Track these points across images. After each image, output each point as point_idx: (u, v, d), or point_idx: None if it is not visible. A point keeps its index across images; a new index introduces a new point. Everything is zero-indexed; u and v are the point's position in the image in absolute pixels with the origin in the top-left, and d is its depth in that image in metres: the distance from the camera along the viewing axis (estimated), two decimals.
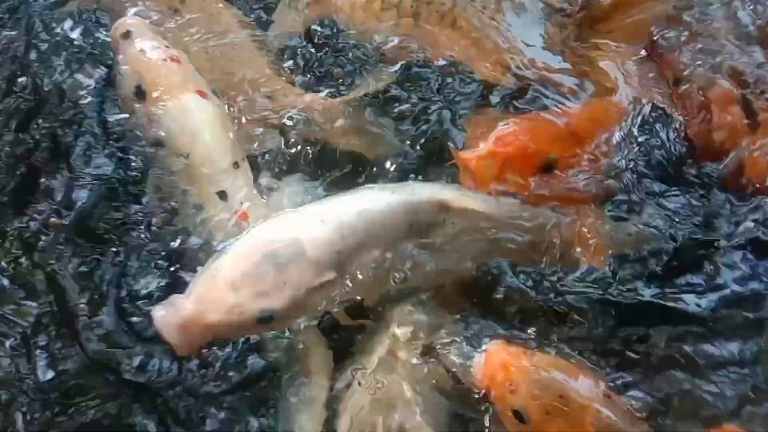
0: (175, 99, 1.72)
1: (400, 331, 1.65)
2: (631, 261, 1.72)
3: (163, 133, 1.72)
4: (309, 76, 2.01)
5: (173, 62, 1.76)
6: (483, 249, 1.71)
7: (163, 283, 1.73)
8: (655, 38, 1.94)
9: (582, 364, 1.57)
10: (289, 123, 1.86)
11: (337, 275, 1.56)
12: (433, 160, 1.88)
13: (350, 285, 1.59)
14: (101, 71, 1.99)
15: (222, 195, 1.71)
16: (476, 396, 1.54)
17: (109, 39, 1.89)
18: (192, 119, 1.72)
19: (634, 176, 1.80)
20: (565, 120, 1.83)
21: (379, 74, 1.97)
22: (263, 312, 1.50)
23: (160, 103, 1.72)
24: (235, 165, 1.73)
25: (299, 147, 1.86)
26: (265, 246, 1.54)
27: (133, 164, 1.86)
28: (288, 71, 2.00)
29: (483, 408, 1.56)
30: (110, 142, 1.90)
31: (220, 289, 1.49)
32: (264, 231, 1.58)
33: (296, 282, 1.52)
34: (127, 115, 1.82)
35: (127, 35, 1.79)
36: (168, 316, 1.47)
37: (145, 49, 1.76)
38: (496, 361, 1.50)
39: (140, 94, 1.74)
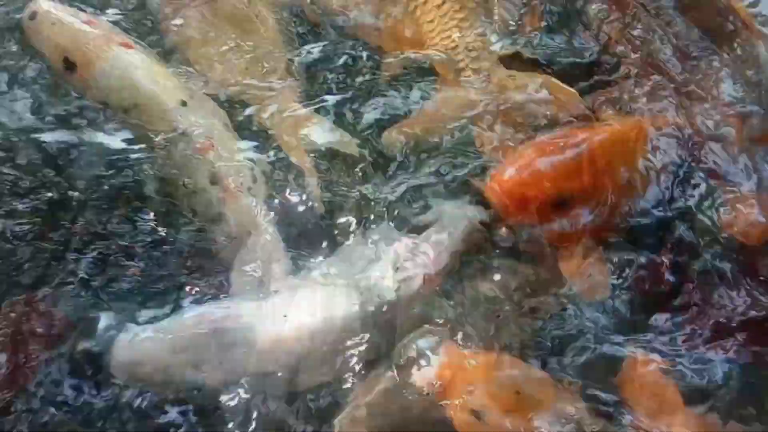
0: (103, 58, 1.75)
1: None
2: None
3: (104, 94, 1.76)
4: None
5: (89, 25, 1.78)
6: None
7: None
8: None
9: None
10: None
11: (280, 372, 1.51)
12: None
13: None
14: None
15: (182, 134, 1.74)
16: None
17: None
18: (126, 71, 1.75)
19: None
20: (583, 146, 1.68)
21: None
22: (189, 384, 1.50)
23: (91, 67, 1.75)
24: (183, 103, 1.77)
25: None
26: (220, 320, 1.51)
27: None
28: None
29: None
30: None
31: (161, 347, 1.49)
32: (229, 305, 1.55)
33: (233, 367, 1.49)
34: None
35: (34, 15, 1.81)
36: (118, 347, 1.50)
37: (57, 21, 1.78)
38: (451, 361, 1.47)
39: (70, 65, 1.77)
